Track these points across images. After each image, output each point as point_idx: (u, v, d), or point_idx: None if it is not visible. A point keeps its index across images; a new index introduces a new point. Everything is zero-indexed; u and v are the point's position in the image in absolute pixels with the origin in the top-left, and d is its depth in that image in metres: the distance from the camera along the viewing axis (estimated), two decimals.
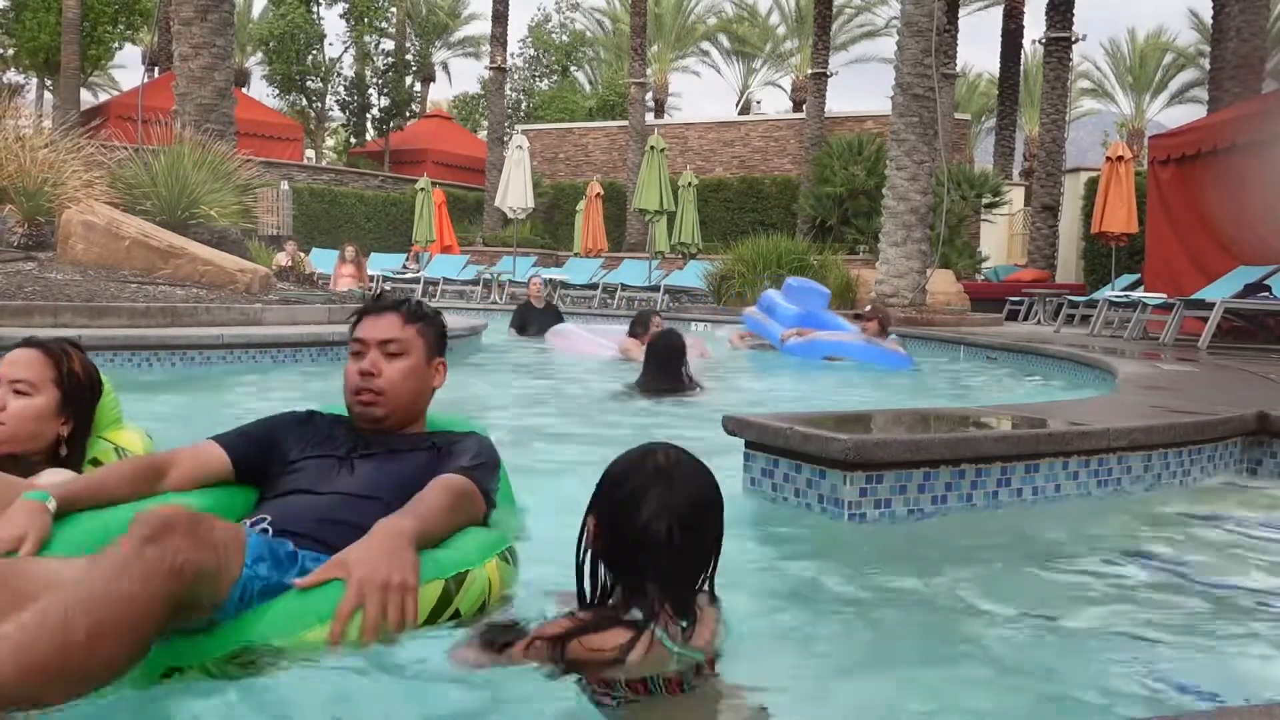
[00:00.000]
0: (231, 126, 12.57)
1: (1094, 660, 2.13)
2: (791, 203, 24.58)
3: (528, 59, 40.64)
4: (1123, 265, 16.70)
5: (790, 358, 9.14)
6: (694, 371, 7.61)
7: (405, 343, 2.39)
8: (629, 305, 17.84)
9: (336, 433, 2.41)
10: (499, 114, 28.18)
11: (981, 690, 1.97)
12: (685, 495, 1.84)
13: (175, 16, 12.92)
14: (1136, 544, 3.14)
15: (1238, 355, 8.32)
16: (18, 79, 31.16)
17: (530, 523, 2.75)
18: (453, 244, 23.10)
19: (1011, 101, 27.61)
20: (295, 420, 2.47)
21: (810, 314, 9.68)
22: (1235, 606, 2.52)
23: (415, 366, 2.40)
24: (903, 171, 13.17)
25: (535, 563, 2.34)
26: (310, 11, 32.77)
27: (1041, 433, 3.45)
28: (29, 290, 7.21)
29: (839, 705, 1.91)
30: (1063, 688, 2.00)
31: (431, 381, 2.46)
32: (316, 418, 2.48)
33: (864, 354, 8.78)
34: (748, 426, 3.33)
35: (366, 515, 2.07)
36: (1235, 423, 4.03)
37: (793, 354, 9.14)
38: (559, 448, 4.57)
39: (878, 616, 2.37)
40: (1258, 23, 15.96)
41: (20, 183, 8.74)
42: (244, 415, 2.75)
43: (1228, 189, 10.56)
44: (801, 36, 34.68)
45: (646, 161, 18.41)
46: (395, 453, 2.34)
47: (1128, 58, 39.75)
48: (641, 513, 1.81)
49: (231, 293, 8.35)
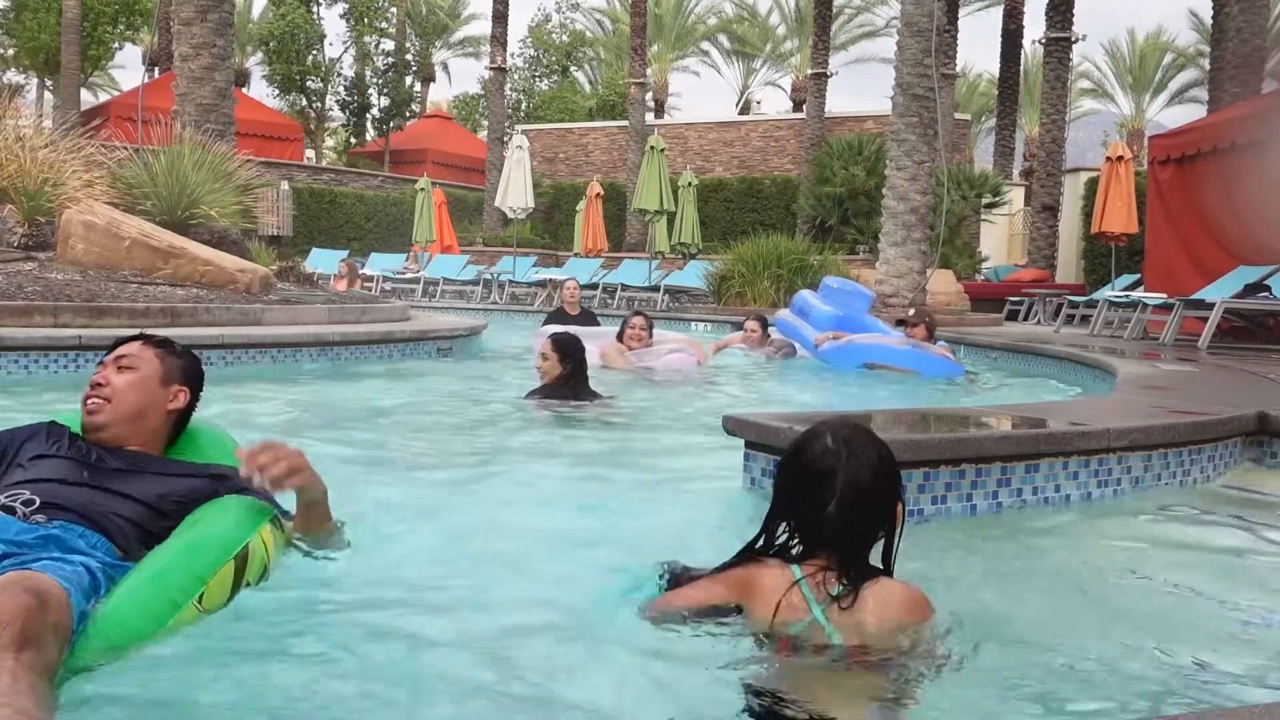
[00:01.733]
0: (231, 126, 12.57)
1: (1093, 660, 2.13)
2: (791, 203, 24.58)
3: (528, 59, 40.65)
4: (1123, 265, 16.69)
5: (826, 365, 8.32)
6: (670, 373, 7.35)
7: (138, 359, 2.53)
8: (629, 305, 17.83)
9: (78, 443, 2.48)
10: (499, 114, 28.18)
11: (981, 690, 1.98)
12: (855, 468, 2.01)
13: (175, 17, 12.93)
14: (1137, 544, 3.14)
15: (1237, 355, 8.32)
16: (18, 79, 31.17)
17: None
18: (453, 244, 23.09)
19: (1011, 101, 27.61)
20: (37, 427, 2.55)
21: (849, 318, 8.76)
22: (1235, 607, 2.52)
23: (143, 381, 2.51)
24: (903, 171, 13.16)
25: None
26: (310, 11, 32.78)
27: (1041, 433, 3.45)
28: (29, 290, 7.21)
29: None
30: (1062, 689, 2.00)
31: (165, 404, 2.55)
32: (56, 427, 2.55)
33: (910, 360, 7.97)
34: (748, 426, 3.33)
35: (121, 509, 2.25)
36: (1235, 423, 4.04)
37: (827, 361, 8.30)
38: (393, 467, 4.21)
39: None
40: (1258, 23, 15.96)
41: (20, 183, 8.74)
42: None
43: (1228, 189, 10.55)
44: (801, 36, 34.69)
45: (646, 161, 18.41)
46: (139, 473, 2.41)
47: (1127, 58, 39.75)
48: (809, 476, 2.04)
49: (231, 293, 8.34)
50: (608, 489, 3.72)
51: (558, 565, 2.68)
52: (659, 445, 4.82)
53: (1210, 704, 1.95)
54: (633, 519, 3.21)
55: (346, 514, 2.65)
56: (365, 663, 1.99)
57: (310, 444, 2.88)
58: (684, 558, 2.34)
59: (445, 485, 3.77)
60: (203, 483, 2.41)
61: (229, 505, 2.32)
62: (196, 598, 2.05)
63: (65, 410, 2.64)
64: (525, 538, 2.93)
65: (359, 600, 2.33)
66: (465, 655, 2.07)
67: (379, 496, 3.26)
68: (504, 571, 2.64)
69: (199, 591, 2.06)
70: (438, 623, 2.23)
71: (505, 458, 4.34)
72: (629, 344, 7.90)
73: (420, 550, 2.80)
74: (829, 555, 2.00)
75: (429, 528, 3.07)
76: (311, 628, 2.17)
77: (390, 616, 2.24)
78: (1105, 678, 2.05)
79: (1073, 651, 2.15)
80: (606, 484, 3.81)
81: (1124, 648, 2.20)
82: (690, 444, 4.76)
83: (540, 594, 2.43)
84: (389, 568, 2.56)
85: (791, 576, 1.99)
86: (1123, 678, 2.04)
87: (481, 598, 2.42)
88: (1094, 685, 2.02)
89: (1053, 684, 2.01)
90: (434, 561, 2.70)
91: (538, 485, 3.76)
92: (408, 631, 2.15)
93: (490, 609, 2.35)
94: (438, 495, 3.57)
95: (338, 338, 7.60)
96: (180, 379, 2.58)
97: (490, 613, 2.32)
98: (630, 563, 2.45)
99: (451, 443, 4.81)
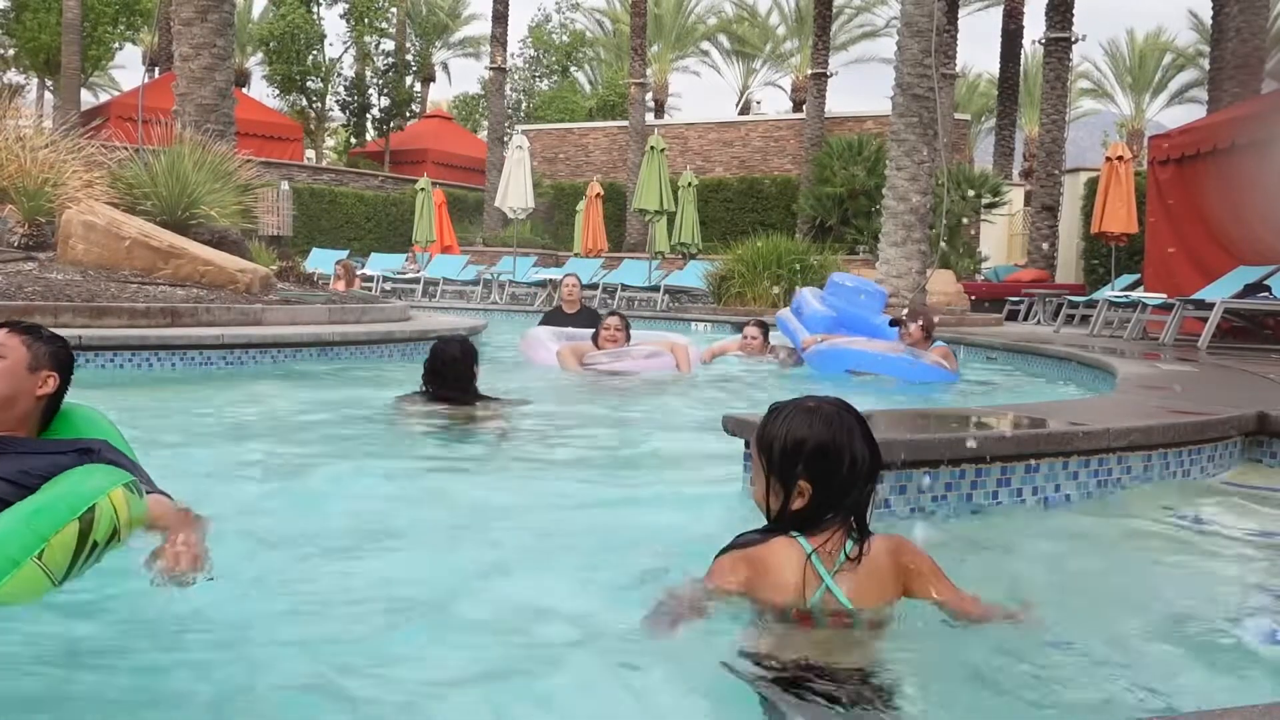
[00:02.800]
0: (231, 127, 12.57)
1: (1093, 660, 2.13)
2: (791, 203, 24.58)
3: (528, 59, 40.65)
4: (1122, 265, 16.70)
5: (807, 371, 7.81)
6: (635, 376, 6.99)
7: (4, 347, 2.58)
8: (629, 305, 17.84)
9: None
10: (499, 114, 28.17)
11: (979, 690, 1.98)
12: (820, 435, 2.12)
13: (175, 17, 12.93)
14: (1137, 544, 3.14)
15: (1237, 355, 8.32)
16: (18, 79, 31.16)
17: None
18: (453, 244, 23.10)
19: (1011, 101, 27.61)
20: None
21: (854, 318, 8.17)
22: (1235, 607, 2.52)
23: (10, 368, 2.56)
24: (903, 171, 13.16)
25: None
26: (310, 12, 32.76)
27: (1041, 433, 3.45)
28: (29, 290, 7.21)
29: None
30: (1061, 688, 2.00)
31: (34, 390, 2.59)
32: None
33: (893, 368, 7.24)
34: (748, 426, 3.33)
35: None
36: (1235, 423, 4.04)
37: (811, 365, 7.81)
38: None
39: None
40: (1257, 23, 15.96)
41: (21, 183, 8.74)
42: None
43: (1227, 189, 10.55)
44: (801, 37, 34.68)
45: (646, 161, 18.41)
46: (3, 454, 2.45)
47: (1127, 58, 39.75)
48: (784, 445, 2.13)
49: (232, 293, 8.34)
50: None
51: (552, 568, 2.68)
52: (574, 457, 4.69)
53: (1210, 704, 1.95)
54: (632, 519, 3.21)
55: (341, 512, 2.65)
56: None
57: (311, 443, 2.88)
58: (683, 558, 2.34)
59: (427, 483, 3.77)
60: (68, 457, 2.46)
61: (83, 471, 2.37)
62: (37, 554, 2.11)
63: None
64: (515, 543, 2.93)
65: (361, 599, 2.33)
66: (491, 645, 2.07)
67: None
68: (503, 573, 2.64)
69: (39, 549, 2.12)
70: (444, 619, 2.23)
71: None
72: (603, 345, 7.58)
73: (419, 546, 2.80)
74: (841, 522, 2.10)
75: (426, 524, 3.07)
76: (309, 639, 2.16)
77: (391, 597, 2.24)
78: (1105, 678, 2.05)
79: (1072, 651, 2.15)
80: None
81: (1124, 647, 2.20)
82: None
83: (539, 597, 2.43)
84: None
85: (800, 550, 2.07)
86: (1122, 677, 2.04)
87: (477, 593, 2.42)
88: (1094, 685, 2.02)
89: (1052, 684, 2.01)
90: (434, 554, 2.71)
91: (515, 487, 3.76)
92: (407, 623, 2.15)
93: (487, 607, 2.35)
94: (422, 491, 3.57)
95: (338, 338, 7.61)
96: (49, 365, 2.62)
97: (486, 607, 2.32)
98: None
99: (424, 446, 4.78)
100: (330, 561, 2.66)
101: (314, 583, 2.52)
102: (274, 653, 2.06)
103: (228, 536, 2.55)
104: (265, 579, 2.50)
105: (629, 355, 7.55)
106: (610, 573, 2.53)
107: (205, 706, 1.83)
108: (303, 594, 2.44)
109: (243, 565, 2.51)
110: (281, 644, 2.11)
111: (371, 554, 2.75)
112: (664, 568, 2.40)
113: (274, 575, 2.55)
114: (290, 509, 3.26)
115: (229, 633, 2.13)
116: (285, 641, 2.13)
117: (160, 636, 2.12)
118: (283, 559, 2.67)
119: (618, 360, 7.47)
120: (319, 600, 2.40)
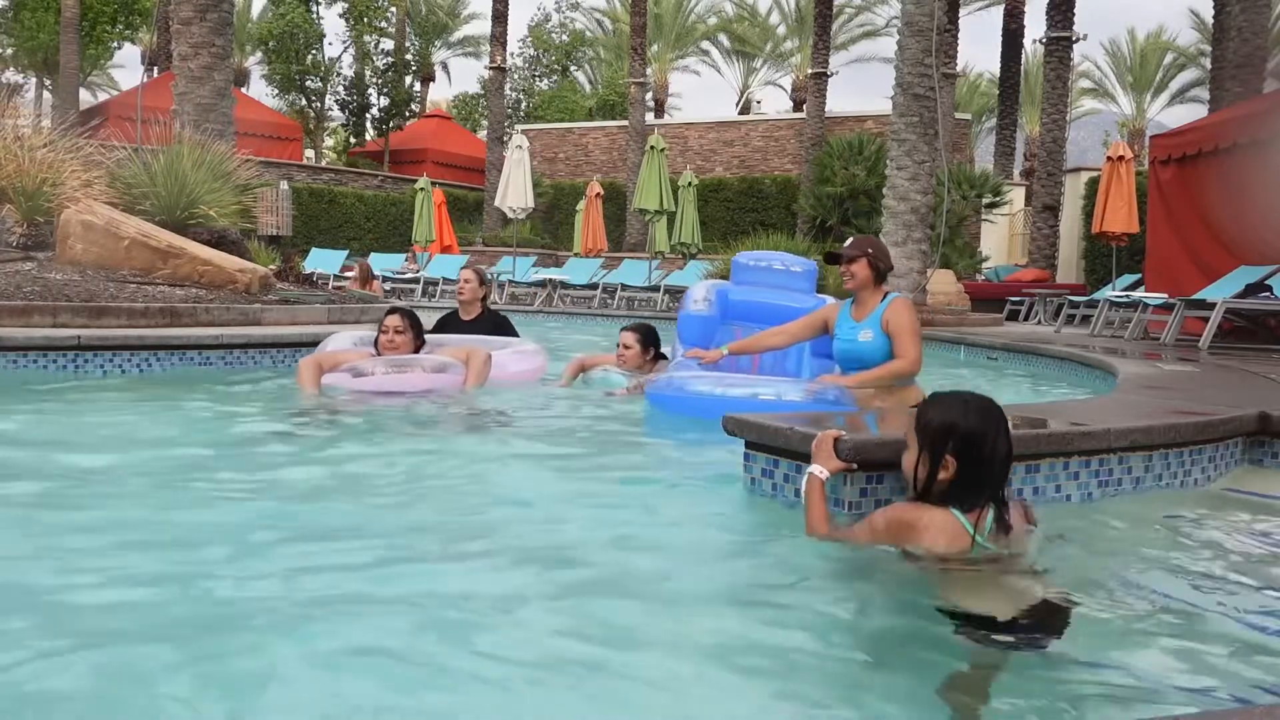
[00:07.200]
0: (231, 126, 12.56)
1: (1092, 660, 2.12)
2: (791, 203, 24.57)
3: (528, 59, 40.65)
4: (1123, 265, 16.69)
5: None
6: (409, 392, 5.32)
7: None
8: (629, 305, 17.83)
9: None
10: (499, 114, 28.17)
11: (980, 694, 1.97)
12: (972, 424, 2.63)
13: (174, 16, 12.92)
14: (1137, 544, 3.13)
15: (1238, 355, 8.31)
16: (17, 79, 31.17)
17: None
18: (452, 244, 23.10)
19: (1012, 101, 27.61)
20: None
21: (772, 308, 5.96)
22: (1235, 607, 2.51)
23: None
24: (903, 171, 13.15)
25: None
26: (310, 11, 32.77)
27: (1041, 433, 3.43)
28: (28, 290, 7.20)
29: (839, 706, 1.89)
30: (1059, 688, 1.99)
31: None
32: None
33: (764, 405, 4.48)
34: (748, 426, 3.32)
35: None
36: (1236, 423, 4.02)
37: (651, 403, 5.06)
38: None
39: (879, 615, 2.36)
40: (1259, 22, 15.95)
41: (19, 183, 8.72)
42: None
43: (1229, 189, 10.55)
44: (801, 36, 34.69)
45: (646, 161, 18.40)
46: None
47: (1128, 57, 39.76)
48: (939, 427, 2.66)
49: (231, 293, 8.33)
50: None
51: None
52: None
53: (1210, 704, 1.94)
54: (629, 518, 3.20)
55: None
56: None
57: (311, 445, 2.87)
58: (684, 558, 2.33)
59: (422, 473, 3.76)
60: None
61: None
62: None
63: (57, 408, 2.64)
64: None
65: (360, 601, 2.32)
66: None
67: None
68: (499, 575, 2.63)
69: None
70: (448, 606, 2.22)
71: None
72: (383, 351, 5.72)
73: (419, 538, 2.79)
74: (986, 499, 2.58)
75: (426, 515, 3.06)
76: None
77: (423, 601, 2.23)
78: (1104, 678, 2.04)
79: (1072, 651, 2.14)
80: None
81: (1124, 647, 2.19)
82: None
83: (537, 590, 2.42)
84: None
85: (955, 520, 2.55)
86: (1122, 678, 2.03)
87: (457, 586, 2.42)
88: (1094, 685, 2.01)
89: (1051, 683, 2.00)
90: (438, 548, 2.70)
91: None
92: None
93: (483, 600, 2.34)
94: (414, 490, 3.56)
95: None
96: None
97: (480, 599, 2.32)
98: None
99: (418, 440, 4.78)
100: (328, 557, 2.65)
101: (314, 576, 2.52)
102: (274, 653, 2.05)
103: (228, 534, 2.55)
104: (271, 571, 2.49)
105: (415, 366, 5.54)
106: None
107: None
108: (300, 586, 2.43)
109: (241, 561, 2.50)
110: (300, 630, 2.10)
111: (377, 550, 2.74)
112: None
113: (278, 566, 2.54)
114: (292, 509, 3.25)
115: (233, 623, 2.12)
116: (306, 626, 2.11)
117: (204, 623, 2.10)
118: (282, 555, 2.67)
119: (396, 372, 5.45)
120: (322, 596, 2.39)
